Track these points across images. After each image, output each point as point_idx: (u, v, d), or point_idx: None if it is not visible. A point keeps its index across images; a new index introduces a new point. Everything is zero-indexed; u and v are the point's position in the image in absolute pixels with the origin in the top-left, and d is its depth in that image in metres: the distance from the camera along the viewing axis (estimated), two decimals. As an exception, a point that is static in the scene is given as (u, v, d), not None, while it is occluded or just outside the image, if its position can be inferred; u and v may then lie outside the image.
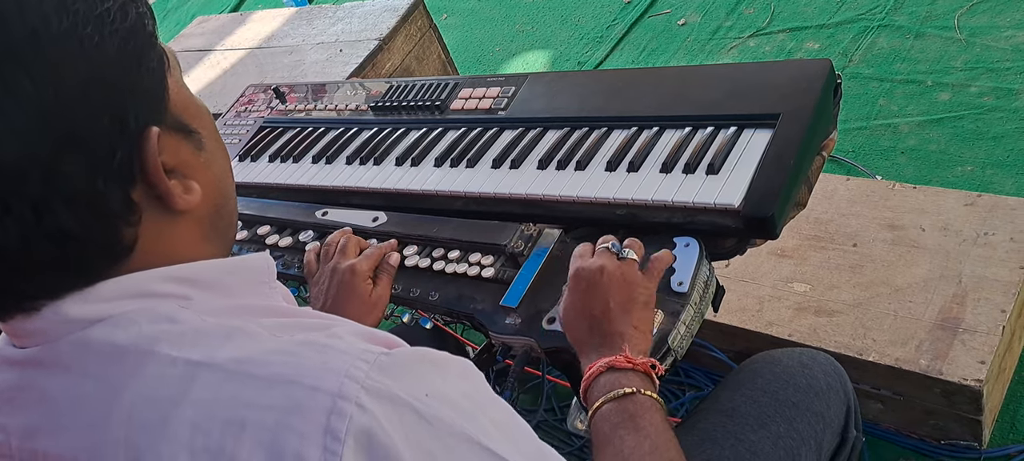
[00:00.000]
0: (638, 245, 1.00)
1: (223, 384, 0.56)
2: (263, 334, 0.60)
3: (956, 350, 1.39)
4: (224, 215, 0.70)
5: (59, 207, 0.55)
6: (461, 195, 1.25)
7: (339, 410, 0.54)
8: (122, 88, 0.58)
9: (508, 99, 1.38)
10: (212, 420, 0.55)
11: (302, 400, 0.55)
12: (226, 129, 1.70)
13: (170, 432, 0.55)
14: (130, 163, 0.59)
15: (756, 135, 1.11)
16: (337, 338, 0.60)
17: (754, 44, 2.74)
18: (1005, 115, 2.09)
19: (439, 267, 1.16)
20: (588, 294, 0.94)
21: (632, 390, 0.85)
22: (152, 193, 0.61)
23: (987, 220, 1.56)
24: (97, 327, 0.59)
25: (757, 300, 1.59)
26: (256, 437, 0.54)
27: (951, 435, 1.44)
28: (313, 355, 0.57)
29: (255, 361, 0.57)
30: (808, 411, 1.01)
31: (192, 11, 4.83)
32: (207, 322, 0.60)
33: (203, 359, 0.57)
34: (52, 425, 0.59)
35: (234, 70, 2.81)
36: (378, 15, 2.64)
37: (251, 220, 1.39)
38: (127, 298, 0.60)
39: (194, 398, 0.56)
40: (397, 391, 0.57)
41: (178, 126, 0.64)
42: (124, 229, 0.60)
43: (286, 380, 0.56)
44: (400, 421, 0.56)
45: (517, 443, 0.63)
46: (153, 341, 0.58)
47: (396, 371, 0.58)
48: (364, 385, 0.56)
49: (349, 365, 0.56)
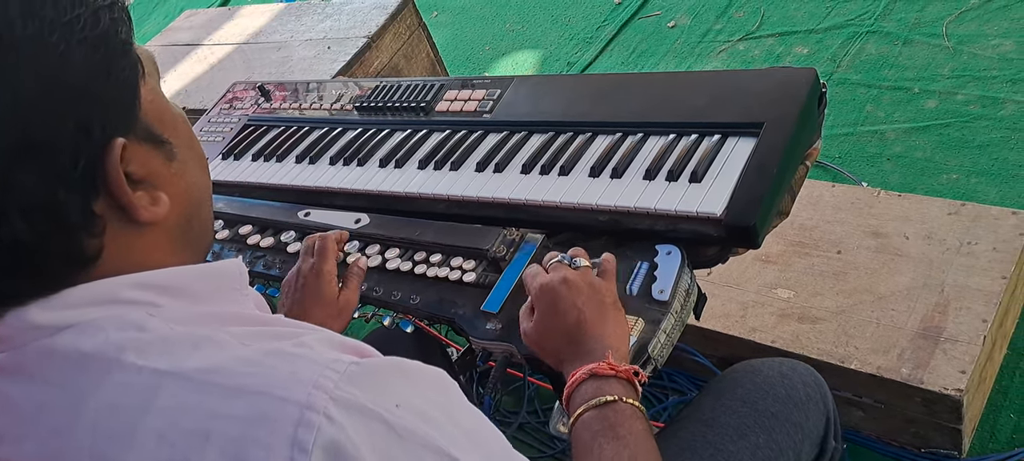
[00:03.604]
0: (584, 252, 1.00)
1: (189, 394, 0.55)
2: (232, 343, 0.59)
3: (937, 359, 1.39)
4: (195, 225, 0.69)
5: (14, 216, 0.54)
6: (444, 198, 1.24)
7: (307, 421, 0.53)
8: (88, 97, 0.57)
9: (493, 102, 1.37)
10: (177, 430, 0.54)
11: (269, 411, 0.54)
12: (210, 126, 1.69)
13: (137, 442, 0.54)
14: (93, 174, 0.57)
15: (740, 143, 1.11)
16: (306, 347, 0.59)
17: (743, 48, 2.74)
18: (991, 124, 2.10)
19: (421, 270, 1.15)
20: (557, 308, 0.93)
21: (614, 398, 0.85)
22: (115, 204, 0.60)
23: (970, 229, 1.57)
24: (63, 334, 0.58)
25: (741, 306, 1.59)
26: (220, 448, 0.53)
27: (931, 443, 1.45)
28: (281, 365, 0.57)
29: (222, 371, 0.56)
30: (787, 421, 1.01)
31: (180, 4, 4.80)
32: (175, 330, 0.59)
33: (169, 368, 0.56)
34: (15, 433, 0.58)
35: (221, 65, 2.79)
36: (367, 12, 2.63)
37: (233, 219, 1.38)
38: (94, 305, 0.59)
39: (159, 407, 0.55)
40: (366, 402, 0.56)
41: (149, 136, 0.62)
42: (87, 240, 0.58)
43: (253, 391, 0.55)
44: (368, 433, 0.55)
45: (490, 454, 0.63)
46: (119, 349, 0.57)
47: (366, 381, 0.57)
48: (333, 395, 0.55)
49: (318, 375, 0.56)
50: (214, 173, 1.53)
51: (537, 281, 0.96)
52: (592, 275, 0.96)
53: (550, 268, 0.98)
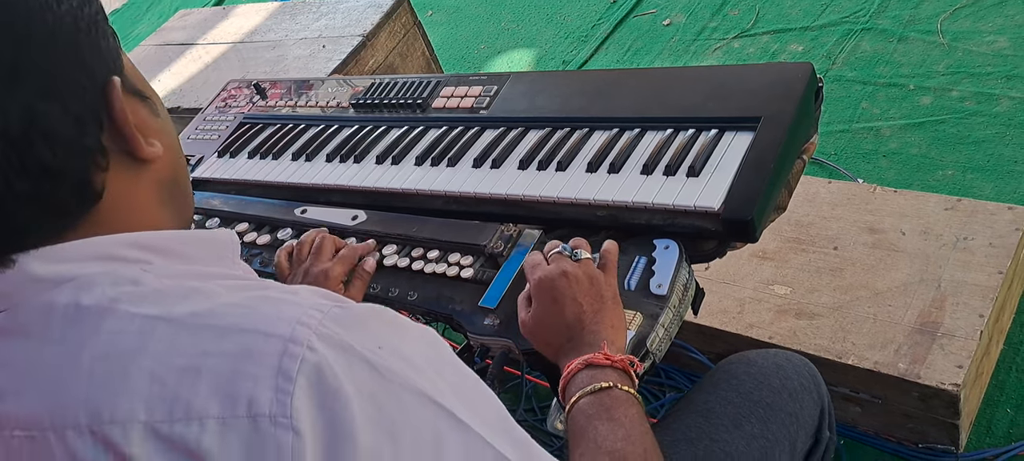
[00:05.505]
0: (585, 244, 1.00)
1: (180, 336, 0.57)
2: (220, 292, 0.61)
3: (934, 354, 1.39)
4: (181, 184, 0.73)
5: (40, 144, 0.59)
6: (441, 194, 1.24)
7: (291, 353, 0.56)
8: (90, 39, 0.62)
9: (490, 98, 1.37)
10: (168, 369, 0.56)
11: (255, 346, 0.56)
12: (206, 124, 1.69)
13: (129, 385, 0.56)
14: (99, 107, 0.62)
15: (737, 138, 1.11)
16: (293, 294, 0.62)
17: (738, 45, 2.74)
18: (986, 120, 2.10)
19: (418, 267, 1.15)
20: (557, 301, 0.93)
21: (609, 384, 0.85)
22: (119, 140, 0.64)
23: (967, 224, 1.57)
24: (62, 289, 0.60)
25: (738, 302, 1.59)
26: (210, 383, 0.55)
27: (928, 439, 1.45)
28: (268, 307, 0.59)
29: (211, 314, 0.59)
30: (782, 411, 1.02)
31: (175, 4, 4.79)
32: (166, 283, 0.62)
33: (160, 314, 0.59)
34: (15, 388, 0.60)
35: (216, 65, 2.79)
36: (362, 11, 2.63)
37: (229, 217, 1.38)
38: (91, 260, 0.62)
39: (151, 350, 0.57)
40: (350, 341, 0.58)
41: (135, 91, 0.67)
42: (95, 173, 0.62)
43: (240, 329, 0.57)
44: (350, 369, 0.57)
45: (476, 407, 0.63)
46: (114, 301, 0.60)
47: (349, 322, 0.59)
48: (317, 332, 0.57)
49: (302, 314, 0.58)
50: (210, 172, 1.52)
51: (537, 273, 0.96)
52: (593, 268, 0.96)
53: (551, 259, 0.98)
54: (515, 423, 0.67)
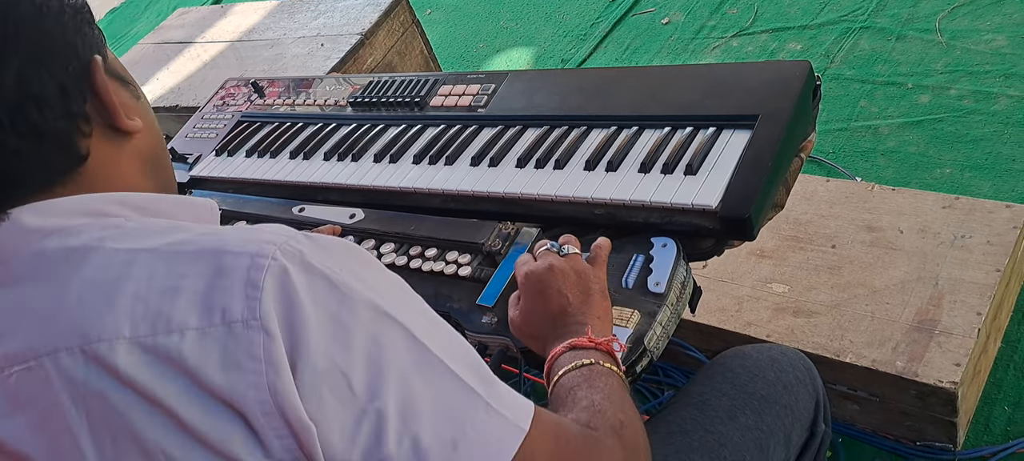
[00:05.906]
0: (574, 240, 1.01)
1: (160, 262, 0.64)
2: (196, 228, 0.68)
3: (932, 352, 1.39)
4: (162, 162, 0.79)
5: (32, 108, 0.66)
6: (439, 193, 1.24)
7: (257, 265, 0.62)
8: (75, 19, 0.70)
9: (488, 96, 1.37)
10: (150, 289, 0.62)
11: (227, 263, 0.63)
12: (204, 123, 1.68)
13: (114, 307, 0.62)
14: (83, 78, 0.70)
15: (735, 136, 1.11)
16: (265, 226, 0.69)
17: (737, 44, 2.74)
18: (984, 118, 2.10)
19: (416, 265, 1.15)
20: (543, 294, 0.93)
21: (591, 361, 0.85)
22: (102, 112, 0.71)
23: (965, 223, 1.57)
24: (52, 238, 0.66)
25: (736, 300, 1.60)
26: (189, 299, 0.62)
27: (926, 436, 1.45)
28: (238, 234, 0.66)
29: (188, 243, 0.65)
30: (777, 404, 1.02)
31: (173, 3, 4.78)
32: (147, 223, 0.69)
33: (142, 247, 0.65)
34: (10, 327, 0.64)
35: (214, 63, 2.79)
36: (360, 9, 2.63)
37: (227, 216, 1.37)
38: (79, 215, 0.68)
39: (134, 275, 0.63)
40: (311, 260, 0.64)
41: (117, 75, 0.75)
42: (79, 139, 0.69)
43: (213, 251, 0.64)
44: (309, 283, 0.63)
45: (436, 337, 0.68)
46: (100, 240, 0.66)
47: (313, 246, 0.65)
48: (281, 248, 0.63)
49: (270, 235, 0.65)
50: (208, 170, 1.52)
51: (524, 269, 0.97)
52: (580, 262, 0.97)
53: (538, 256, 0.98)
54: (483, 363, 0.71)
